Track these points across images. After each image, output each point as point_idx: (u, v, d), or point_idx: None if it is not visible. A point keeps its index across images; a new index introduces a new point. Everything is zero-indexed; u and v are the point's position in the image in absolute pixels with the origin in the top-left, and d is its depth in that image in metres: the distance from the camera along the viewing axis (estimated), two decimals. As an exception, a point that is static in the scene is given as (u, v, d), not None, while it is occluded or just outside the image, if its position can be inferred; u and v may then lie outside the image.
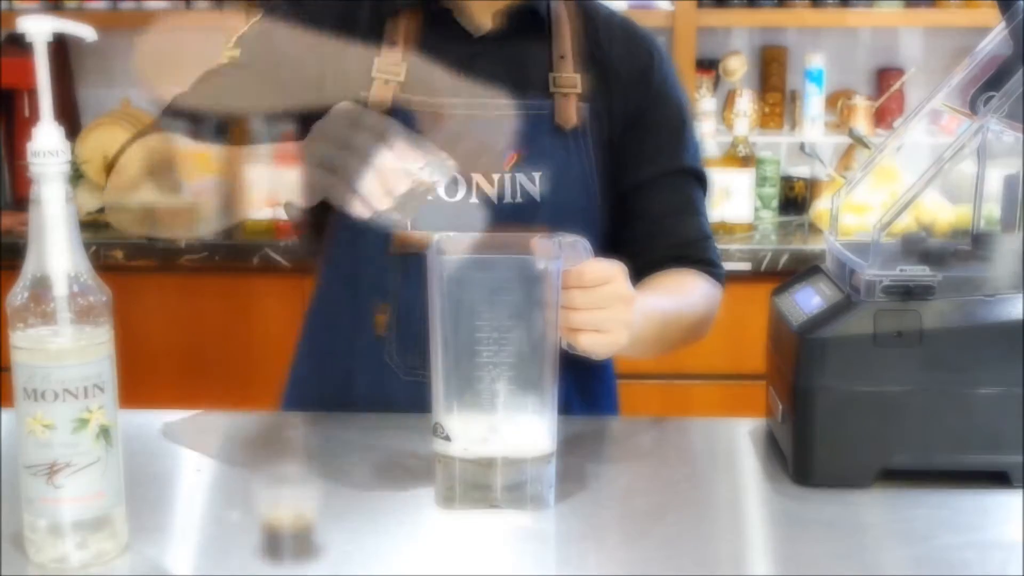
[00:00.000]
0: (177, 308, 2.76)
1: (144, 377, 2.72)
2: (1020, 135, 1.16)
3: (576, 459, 1.27)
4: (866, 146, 2.74)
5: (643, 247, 1.46)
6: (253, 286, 2.75)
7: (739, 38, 3.20)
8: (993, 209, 1.26)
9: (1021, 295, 1.17)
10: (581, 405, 1.50)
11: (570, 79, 1.44)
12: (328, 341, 1.49)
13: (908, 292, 1.16)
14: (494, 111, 1.40)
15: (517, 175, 1.41)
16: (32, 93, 2.93)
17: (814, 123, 3.00)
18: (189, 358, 2.78)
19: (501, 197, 1.41)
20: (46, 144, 0.97)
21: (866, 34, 3.19)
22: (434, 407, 1.13)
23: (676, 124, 1.49)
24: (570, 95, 1.43)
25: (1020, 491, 1.16)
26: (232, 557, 1.04)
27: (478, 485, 1.13)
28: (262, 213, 2.85)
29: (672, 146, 1.48)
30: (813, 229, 2.85)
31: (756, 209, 2.91)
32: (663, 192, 1.48)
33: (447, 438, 1.12)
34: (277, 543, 1.05)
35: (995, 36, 1.24)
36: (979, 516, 1.13)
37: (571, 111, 1.43)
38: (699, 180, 1.51)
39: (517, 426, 1.12)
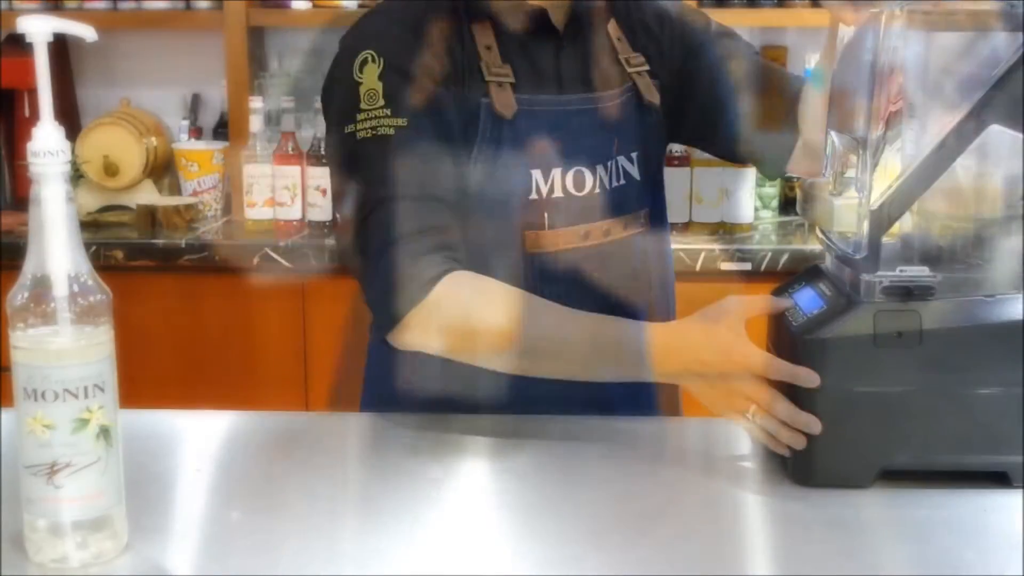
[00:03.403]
0: (177, 308, 2.76)
1: (144, 377, 2.72)
2: (1020, 135, 1.16)
3: (576, 459, 1.27)
4: (866, 147, 2.74)
5: (767, 107, 1.51)
6: (253, 286, 2.75)
7: (739, 38, 3.20)
8: (993, 209, 1.26)
9: (1021, 295, 1.17)
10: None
11: (637, 58, 1.50)
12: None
13: (908, 292, 1.16)
14: (603, 103, 1.46)
15: (619, 158, 1.47)
16: (32, 93, 2.93)
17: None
18: (189, 358, 2.78)
19: (611, 182, 1.46)
20: (46, 144, 0.97)
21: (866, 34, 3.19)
22: None
23: (706, 22, 1.57)
24: (643, 73, 1.50)
25: (1020, 491, 1.16)
26: (232, 557, 1.04)
27: None
28: (261, 213, 2.86)
29: (714, 29, 1.56)
30: (813, 229, 2.85)
31: (756, 209, 2.91)
32: (739, 67, 1.53)
33: None
34: None
35: (996, 37, 1.23)
36: (979, 516, 1.13)
37: (651, 87, 1.50)
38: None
39: None
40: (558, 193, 1.41)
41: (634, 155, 1.48)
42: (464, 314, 1.30)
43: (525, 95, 1.40)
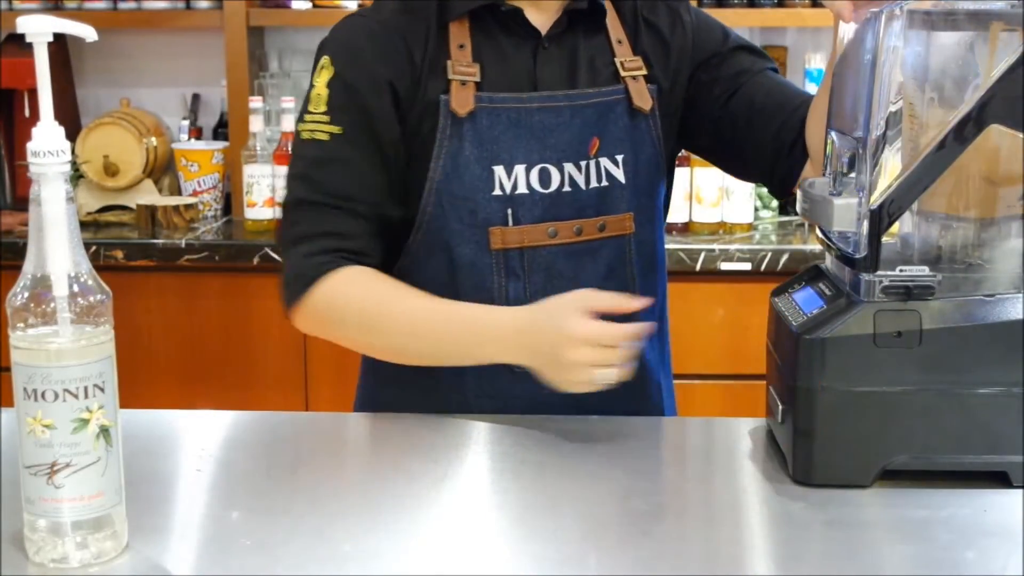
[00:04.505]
0: (177, 308, 2.76)
1: (144, 377, 2.73)
2: (1020, 135, 1.16)
3: (576, 459, 1.27)
4: (865, 146, 2.74)
5: (778, 124, 1.49)
6: (253, 286, 2.75)
7: (739, 38, 3.20)
8: (993, 209, 1.26)
9: (1021, 295, 1.17)
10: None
11: (635, 62, 1.50)
12: None
13: (908, 292, 1.16)
14: (573, 101, 1.45)
15: (601, 160, 1.46)
16: (32, 93, 2.94)
17: (814, 123, 2.99)
18: (189, 358, 2.78)
19: (588, 182, 1.46)
20: (46, 144, 0.97)
21: (866, 34, 3.19)
22: None
23: (724, 34, 1.56)
24: (639, 77, 1.49)
25: (1020, 491, 1.16)
26: (232, 557, 1.04)
27: None
28: (261, 213, 2.86)
29: (734, 48, 1.55)
30: (813, 229, 2.85)
31: (756, 209, 2.91)
32: (753, 82, 1.52)
33: None
34: None
35: (996, 37, 1.23)
36: (979, 516, 1.13)
37: (645, 93, 1.49)
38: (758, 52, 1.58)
39: None
40: (522, 189, 1.43)
41: (619, 158, 1.47)
42: (336, 308, 1.40)
43: (487, 93, 1.43)
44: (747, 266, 2.65)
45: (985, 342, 1.15)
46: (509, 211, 1.43)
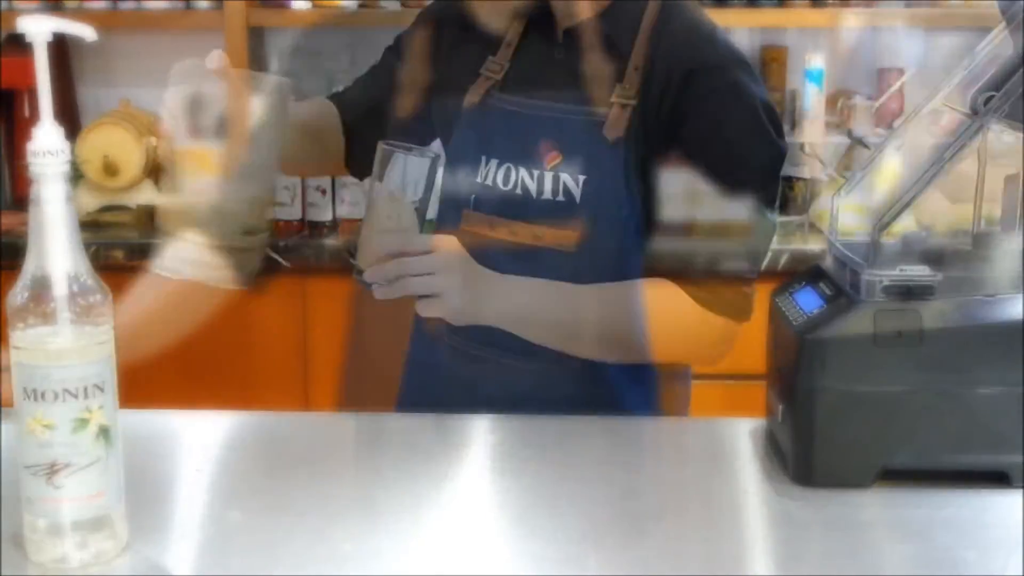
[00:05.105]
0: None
1: (144, 377, 2.72)
2: (1020, 135, 1.16)
3: (576, 459, 1.27)
4: (866, 147, 2.74)
5: None
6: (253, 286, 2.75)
7: (739, 38, 3.20)
8: (993, 209, 1.26)
9: (1021, 295, 1.17)
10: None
11: (616, 73, 1.44)
12: (383, 342, 1.55)
13: (908, 292, 1.16)
14: (530, 108, 1.45)
15: (560, 175, 1.44)
16: (32, 93, 2.93)
17: (814, 123, 2.99)
18: (189, 358, 2.77)
19: (540, 193, 1.44)
20: (46, 144, 0.97)
21: (866, 34, 3.19)
22: None
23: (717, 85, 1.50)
24: (617, 89, 1.43)
25: (1020, 491, 1.16)
26: (232, 557, 1.04)
27: None
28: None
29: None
30: (813, 229, 2.85)
31: (756, 209, 2.90)
32: None
33: None
34: None
35: (995, 36, 1.24)
36: (979, 516, 1.13)
37: (621, 123, 1.42)
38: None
39: None
40: (473, 191, 1.47)
41: (580, 178, 1.43)
42: None
43: (441, 97, 1.50)
44: (747, 266, 2.64)
45: (985, 342, 1.15)
46: (450, 211, 1.47)
